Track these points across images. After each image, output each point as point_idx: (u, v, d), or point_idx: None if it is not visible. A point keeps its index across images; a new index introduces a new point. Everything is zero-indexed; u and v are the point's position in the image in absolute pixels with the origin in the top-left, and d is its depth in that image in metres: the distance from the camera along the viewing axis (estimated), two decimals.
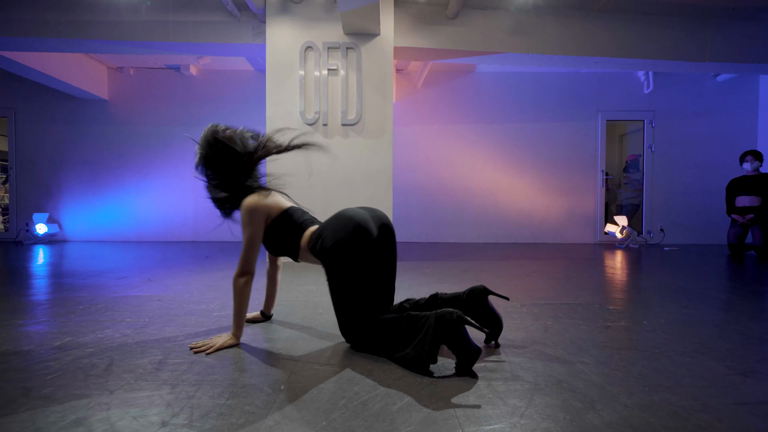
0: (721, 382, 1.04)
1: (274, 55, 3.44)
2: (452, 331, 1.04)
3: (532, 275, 2.75)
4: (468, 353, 1.05)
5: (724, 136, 5.40)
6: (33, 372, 1.08)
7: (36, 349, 1.26)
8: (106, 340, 1.34)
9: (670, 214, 5.45)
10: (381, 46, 3.44)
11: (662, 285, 2.43)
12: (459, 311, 1.06)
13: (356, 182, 3.45)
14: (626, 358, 1.21)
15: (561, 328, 1.51)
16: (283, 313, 1.71)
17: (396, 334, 1.15)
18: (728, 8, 3.78)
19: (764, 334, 1.45)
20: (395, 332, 1.15)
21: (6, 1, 3.55)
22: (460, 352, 1.06)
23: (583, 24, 3.87)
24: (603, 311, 1.77)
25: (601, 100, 5.48)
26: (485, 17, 3.77)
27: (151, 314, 1.67)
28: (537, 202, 5.48)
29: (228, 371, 1.09)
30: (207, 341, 1.28)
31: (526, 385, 1.02)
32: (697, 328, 1.53)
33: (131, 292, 2.13)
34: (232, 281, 1.30)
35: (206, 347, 1.24)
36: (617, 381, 1.04)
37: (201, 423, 0.83)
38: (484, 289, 1.28)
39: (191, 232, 5.49)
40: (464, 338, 1.05)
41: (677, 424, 0.83)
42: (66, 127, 5.47)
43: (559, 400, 0.93)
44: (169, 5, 3.61)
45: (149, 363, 1.14)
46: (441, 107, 5.49)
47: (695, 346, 1.31)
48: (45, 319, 1.60)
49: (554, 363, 1.16)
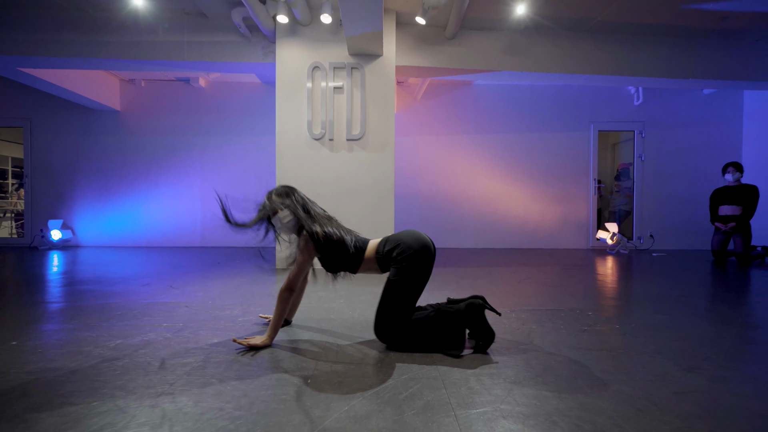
0: (667, 376, 1.26)
1: (284, 74, 3.67)
2: (478, 315, 1.47)
3: (524, 282, 2.98)
4: (488, 334, 1.47)
5: (710, 146, 5.64)
6: (103, 369, 1.30)
7: (96, 350, 1.48)
8: (152, 342, 1.56)
9: (659, 221, 5.69)
10: (384, 66, 3.67)
11: (642, 291, 2.66)
12: (480, 300, 1.49)
13: (360, 193, 3.68)
14: (594, 357, 1.44)
15: (543, 332, 1.74)
16: (300, 318, 1.93)
17: (428, 328, 1.47)
18: (709, 29, 4.02)
19: (717, 337, 1.67)
20: (427, 326, 1.47)
21: (33, 24, 3.78)
22: (481, 334, 1.47)
23: (574, 44, 4.11)
24: (583, 316, 2.00)
25: (594, 112, 5.72)
26: (482, 38, 4.01)
27: (183, 319, 1.90)
28: (532, 209, 5.72)
29: (263, 368, 1.32)
30: (247, 339, 1.52)
31: (508, 379, 1.24)
32: (661, 331, 1.75)
33: (159, 298, 2.35)
34: (278, 293, 1.53)
35: (246, 343, 1.48)
36: (583, 376, 1.27)
37: (249, 408, 1.05)
38: (481, 304, 1.51)
39: (199, 238, 5.71)
40: (485, 322, 1.48)
41: (622, 408, 1.05)
42: (79, 137, 5.69)
43: (534, 390, 1.16)
44: (185, 27, 3.84)
45: (194, 361, 1.37)
46: (440, 118, 5.73)
47: (655, 347, 1.54)
48: (93, 323, 1.82)
49: (533, 361, 1.39)
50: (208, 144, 5.73)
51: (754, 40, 4.22)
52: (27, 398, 1.10)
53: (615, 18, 3.83)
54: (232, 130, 5.74)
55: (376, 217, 3.67)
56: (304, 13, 3.46)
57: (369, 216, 3.66)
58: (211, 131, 5.73)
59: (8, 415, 1.01)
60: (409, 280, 1.49)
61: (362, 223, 3.61)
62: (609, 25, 3.97)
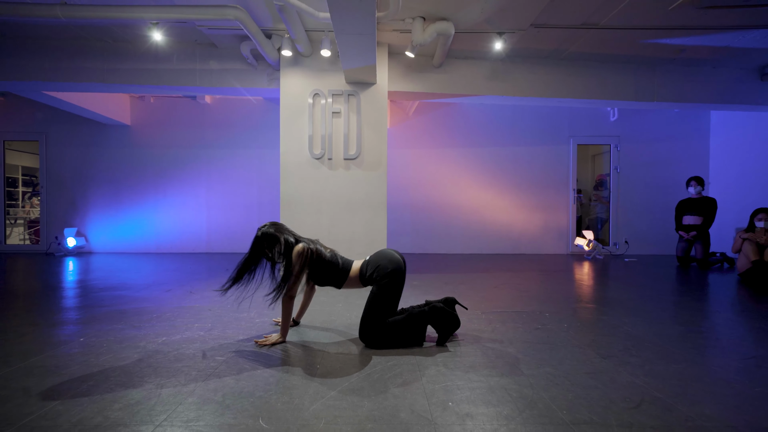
0: (586, 361, 1.68)
1: (287, 100, 4.07)
2: (439, 315, 1.87)
3: (500, 287, 3.40)
4: (448, 329, 1.91)
5: (680, 159, 6.11)
6: (159, 358, 1.70)
7: (148, 345, 1.88)
8: (191, 339, 1.96)
9: (633, 228, 6.15)
10: (377, 93, 4.08)
11: (600, 295, 3.09)
12: (442, 303, 1.91)
13: (356, 208, 4.08)
14: (538, 349, 1.85)
15: (505, 329, 2.15)
16: (306, 319, 2.34)
17: (399, 328, 1.86)
18: (670, 59, 4.48)
19: (642, 334, 2.10)
20: (398, 327, 1.87)
21: (58, 53, 4.16)
22: (443, 329, 1.89)
23: (550, 71, 4.55)
24: (541, 317, 2.42)
25: (573, 127, 6.17)
26: (466, 65, 4.44)
27: (211, 321, 2.29)
28: (516, 218, 6.15)
29: (279, 359, 1.72)
30: (266, 338, 1.92)
31: (467, 364, 1.65)
32: (599, 328, 2.18)
33: (184, 303, 2.74)
34: (281, 301, 1.91)
35: (265, 341, 1.88)
36: (524, 362, 1.68)
37: (276, 384, 1.45)
38: (441, 307, 1.93)
39: (205, 244, 6.09)
40: (447, 319, 1.90)
41: (544, 383, 1.47)
42: (92, 150, 6.06)
43: (485, 372, 1.57)
44: (197, 55, 4.24)
45: (228, 353, 1.77)
46: (431, 133, 6.15)
47: (587, 342, 1.96)
48: (136, 324, 2.21)
49: (489, 352, 1.80)
50: (214, 156, 6.11)
51: (711, 67, 4.68)
52: (111, 379, 1.49)
53: (585, 49, 4.27)
54: (236, 144, 6.13)
55: (370, 228, 4.07)
56: (306, 47, 3.87)
57: (364, 228, 4.06)
58: (216, 144, 6.12)
59: (102, 389, 1.41)
60: (387, 293, 1.88)
61: (357, 234, 4.01)
62: (580, 54, 4.41)
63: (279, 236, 1.90)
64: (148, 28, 3.62)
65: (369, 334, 1.88)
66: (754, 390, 1.43)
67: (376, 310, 1.88)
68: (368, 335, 1.88)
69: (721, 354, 1.80)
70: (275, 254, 1.91)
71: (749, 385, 1.47)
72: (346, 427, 1.17)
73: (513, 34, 3.85)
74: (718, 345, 1.93)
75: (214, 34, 3.92)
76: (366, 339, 1.89)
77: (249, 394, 1.37)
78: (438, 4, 3.36)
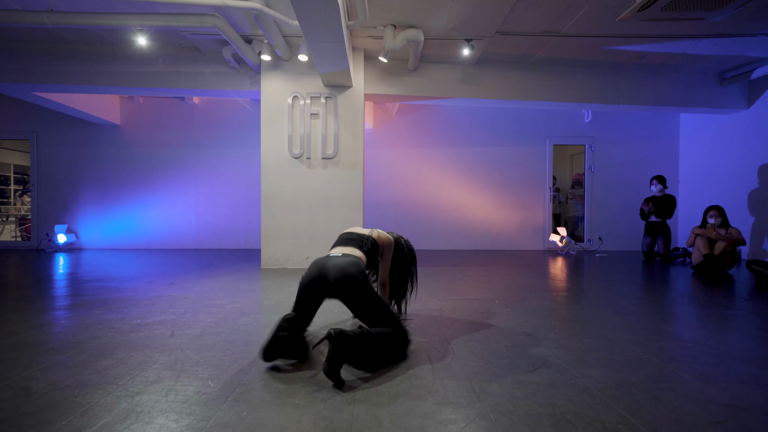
0: (509, 338, 1.90)
1: (268, 102, 4.27)
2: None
3: (465, 279, 3.61)
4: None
5: (651, 159, 6.36)
6: (132, 336, 1.90)
7: (124, 326, 2.07)
8: (164, 322, 2.16)
9: (606, 225, 6.40)
10: (353, 96, 4.29)
11: (557, 286, 3.31)
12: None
13: (334, 204, 4.29)
14: (480, 328, 2.07)
15: (451, 314, 2.36)
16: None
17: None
18: (633, 64, 4.71)
19: (573, 317, 2.31)
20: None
21: (48, 56, 4.33)
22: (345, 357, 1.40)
23: (520, 74, 4.77)
24: (489, 303, 2.63)
25: (549, 128, 6.41)
26: (439, 70, 4.65)
27: (185, 307, 2.49)
28: (495, 215, 6.38)
29: (244, 336, 1.92)
30: None
31: (420, 344, 1.86)
32: (539, 312, 2.39)
33: (163, 292, 2.94)
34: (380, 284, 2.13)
35: None
36: (455, 339, 1.89)
37: (227, 359, 1.66)
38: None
39: (193, 241, 6.27)
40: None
41: (472, 359, 1.68)
42: (82, 149, 6.23)
43: (438, 350, 1.78)
44: (182, 59, 4.43)
45: (195, 332, 1.97)
46: (413, 133, 6.37)
47: (521, 323, 2.18)
48: (116, 309, 2.41)
49: (428, 331, 2.01)
50: (202, 155, 6.30)
51: (673, 72, 4.93)
52: (85, 351, 1.69)
53: (552, 54, 4.49)
54: (223, 143, 6.31)
55: (347, 224, 4.27)
56: (285, 52, 4.06)
57: (341, 224, 4.26)
58: (204, 144, 6.30)
59: (76, 360, 1.61)
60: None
61: (335, 230, 4.22)
62: (548, 59, 4.64)
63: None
64: (133, 33, 3.81)
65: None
66: (642, 357, 1.65)
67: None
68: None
69: (631, 331, 2.02)
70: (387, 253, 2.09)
71: (640, 353, 1.69)
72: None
73: (480, 40, 4.06)
74: (637, 325, 2.15)
75: (197, 39, 4.11)
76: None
77: (205, 363, 1.58)
78: (406, 12, 3.57)
